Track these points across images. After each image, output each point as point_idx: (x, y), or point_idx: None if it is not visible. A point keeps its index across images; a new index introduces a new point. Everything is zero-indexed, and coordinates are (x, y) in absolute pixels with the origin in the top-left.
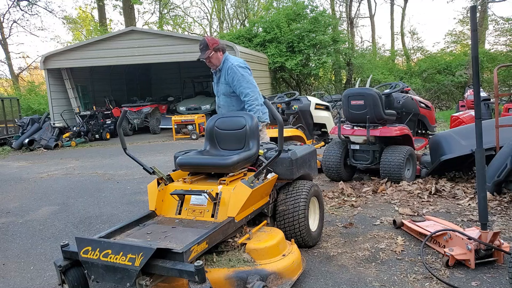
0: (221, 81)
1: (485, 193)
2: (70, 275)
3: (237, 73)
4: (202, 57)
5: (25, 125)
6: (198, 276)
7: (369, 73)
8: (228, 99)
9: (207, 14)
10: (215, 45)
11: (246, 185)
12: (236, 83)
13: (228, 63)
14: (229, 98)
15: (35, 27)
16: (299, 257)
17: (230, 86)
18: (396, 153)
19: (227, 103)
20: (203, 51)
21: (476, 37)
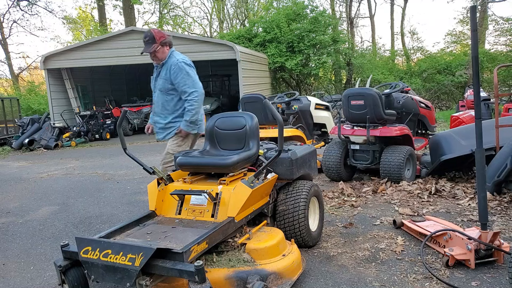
0: (161, 75)
1: (485, 193)
2: (70, 275)
3: (183, 70)
4: (148, 50)
5: (25, 125)
6: (198, 276)
7: (369, 73)
8: (164, 96)
9: (207, 14)
10: (162, 39)
11: (246, 185)
12: (180, 80)
13: (174, 58)
14: (164, 95)
15: (35, 27)
16: (299, 257)
17: (170, 83)
18: (396, 153)
19: (161, 100)
20: (149, 44)
21: (476, 37)
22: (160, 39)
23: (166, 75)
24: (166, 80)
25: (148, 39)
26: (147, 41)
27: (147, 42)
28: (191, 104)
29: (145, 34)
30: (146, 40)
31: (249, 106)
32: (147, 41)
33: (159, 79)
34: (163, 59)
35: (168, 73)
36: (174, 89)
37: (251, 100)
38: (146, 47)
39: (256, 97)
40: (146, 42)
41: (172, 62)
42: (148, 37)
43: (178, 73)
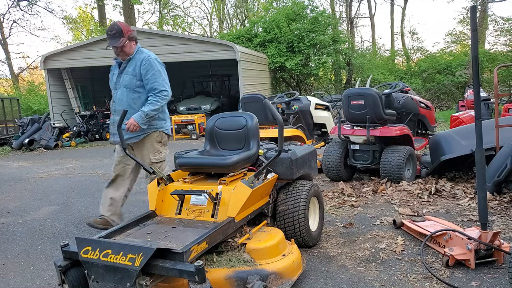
0: (126, 71)
1: (485, 193)
2: (70, 275)
3: (154, 66)
4: (116, 44)
5: (25, 125)
6: (198, 276)
7: (369, 73)
8: (131, 94)
9: (207, 14)
10: (129, 33)
11: (246, 185)
12: (150, 77)
13: (143, 54)
14: (131, 93)
15: (35, 27)
16: (299, 257)
17: (139, 79)
18: (396, 153)
19: (127, 98)
20: (116, 38)
21: (476, 37)
22: (127, 33)
23: (135, 70)
24: (135, 76)
25: (114, 32)
26: (113, 35)
27: (114, 35)
28: (157, 100)
29: (111, 27)
30: (113, 33)
31: (249, 106)
32: (113, 34)
33: (125, 75)
34: (130, 54)
35: (138, 68)
36: (142, 86)
37: (251, 100)
38: (112, 41)
39: (256, 97)
40: (112, 35)
41: (142, 57)
42: (114, 30)
43: (149, 69)
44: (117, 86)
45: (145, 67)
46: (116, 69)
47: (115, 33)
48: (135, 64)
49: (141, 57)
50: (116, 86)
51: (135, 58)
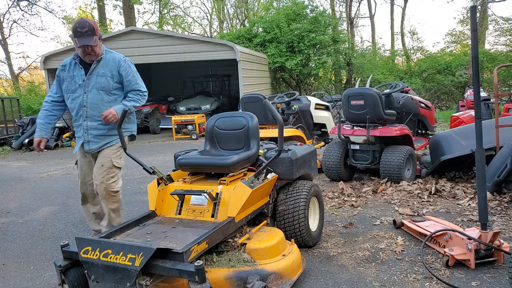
0: (98, 73)
1: (485, 193)
2: (70, 275)
3: (132, 68)
4: (89, 43)
5: (25, 125)
6: (198, 276)
7: (369, 73)
8: (106, 96)
9: (207, 14)
10: (99, 32)
11: (246, 185)
12: (131, 78)
13: (115, 55)
14: (107, 95)
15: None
16: (299, 257)
17: (117, 81)
18: (396, 153)
19: (102, 101)
20: (88, 36)
21: (476, 37)
22: (98, 32)
23: (112, 72)
24: (112, 78)
25: (87, 29)
26: (85, 32)
27: (86, 33)
28: (139, 98)
29: (82, 24)
30: (85, 31)
31: (249, 106)
32: (85, 32)
33: (97, 77)
34: (100, 54)
35: (115, 70)
36: (119, 88)
37: (251, 100)
38: (85, 39)
39: (256, 97)
40: (84, 33)
41: (117, 58)
42: (86, 27)
43: (129, 70)
44: (86, 89)
45: (124, 69)
46: (78, 70)
47: (87, 30)
48: (108, 65)
49: (115, 58)
50: (85, 89)
51: (106, 59)
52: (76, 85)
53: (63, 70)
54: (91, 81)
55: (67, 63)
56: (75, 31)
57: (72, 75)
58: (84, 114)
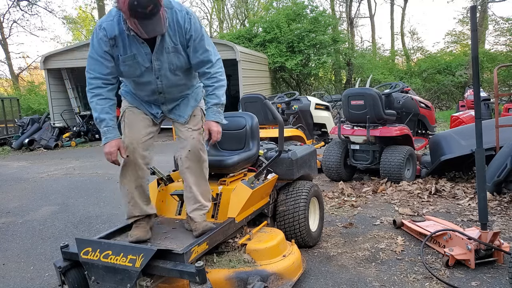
0: (167, 48)
1: (485, 193)
2: (70, 276)
3: (198, 24)
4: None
5: (25, 125)
6: (199, 277)
7: (369, 73)
8: (183, 74)
9: (207, 14)
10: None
11: (247, 185)
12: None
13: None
14: (184, 76)
15: (35, 27)
16: (299, 258)
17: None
18: (396, 153)
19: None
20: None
21: (476, 37)
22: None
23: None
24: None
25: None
26: (150, 12)
27: (152, 12)
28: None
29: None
30: (149, 9)
31: (249, 106)
32: (150, 11)
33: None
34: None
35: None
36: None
37: (251, 100)
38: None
39: (256, 97)
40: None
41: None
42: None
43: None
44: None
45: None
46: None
47: (152, 8)
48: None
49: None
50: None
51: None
52: (142, 68)
53: (114, 46)
54: (162, 61)
55: (117, 35)
56: (133, 9)
57: (133, 55)
58: (161, 100)
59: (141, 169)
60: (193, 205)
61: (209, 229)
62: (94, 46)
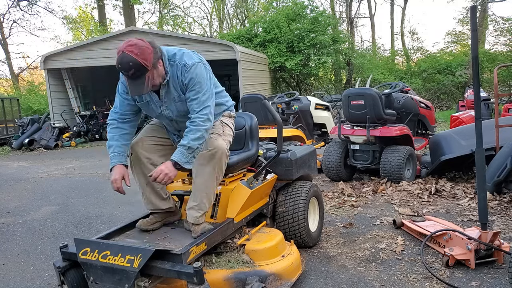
0: (173, 98)
1: (485, 193)
2: (69, 276)
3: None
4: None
5: (25, 125)
6: (196, 278)
7: (369, 73)
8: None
9: (207, 14)
10: (150, 58)
11: (245, 185)
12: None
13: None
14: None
15: (35, 27)
16: (298, 258)
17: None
18: (396, 153)
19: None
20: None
21: (476, 37)
22: (149, 61)
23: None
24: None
25: (133, 72)
26: (132, 76)
27: (134, 76)
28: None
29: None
30: (131, 74)
31: (249, 106)
32: (132, 75)
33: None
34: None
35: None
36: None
37: (251, 100)
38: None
39: (256, 97)
40: (131, 76)
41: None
42: (133, 69)
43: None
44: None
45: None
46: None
47: (133, 73)
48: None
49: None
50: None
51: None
52: (156, 113)
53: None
54: (171, 109)
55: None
56: (118, 70)
57: (146, 102)
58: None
59: (147, 168)
60: (192, 202)
61: (207, 231)
62: (119, 87)
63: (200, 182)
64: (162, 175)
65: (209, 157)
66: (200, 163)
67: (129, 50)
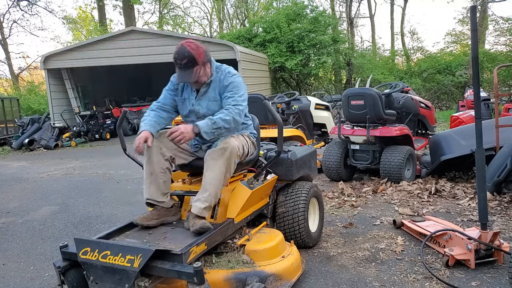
0: (209, 97)
1: (485, 193)
2: (69, 276)
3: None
4: (187, 79)
5: (25, 125)
6: (197, 278)
7: (369, 73)
8: None
9: (207, 14)
10: (202, 56)
11: (246, 186)
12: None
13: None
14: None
15: (35, 27)
16: (298, 259)
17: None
18: (396, 153)
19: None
20: (188, 69)
21: (476, 37)
22: (201, 58)
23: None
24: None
25: (186, 61)
26: (185, 65)
27: (186, 65)
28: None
29: (181, 54)
30: (184, 62)
31: (249, 106)
32: (184, 64)
33: (206, 102)
34: (208, 78)
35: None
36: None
37: (251, 100)
38: (184, 73)
39: (256, 97)
40: (183, 65)
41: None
42: (186, 58)
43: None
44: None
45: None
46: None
47: (186, 62)
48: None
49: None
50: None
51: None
52: (187, 110)
53: (176, 89)
54: (202, 106)
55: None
56: (174, 60)
57: (183, 98)
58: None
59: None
60: (200, 194)
61: (207, 228)
62: (167, 85)
63: (210, 176)
64: (178, 132)
65: (221, 153)
66: (212, 157)
67: (188, 44)
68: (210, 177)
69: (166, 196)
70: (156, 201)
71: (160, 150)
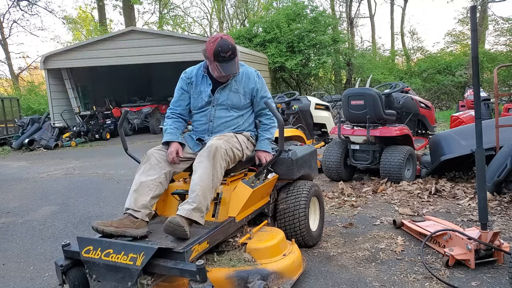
0: (231, 88)
1: (485, 193)
2: (71, 274)
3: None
4: (234, 71)
5: (25, 125)
6: (199, 276)
7: (369, 73)
8: (235, 113)
9: (207, 14)
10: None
11: (247, 185)
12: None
13: (248, 70)
14: (236, 112)
15: (35, 27)
16: (299, 257)
17: (248, 99)
18: (396, 153)
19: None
20: (231, 60)
21: (476, 37)
22: (238, 51)
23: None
24: (244, 95)
25: (230, 54)
26: (229, 57)
27: (230, 58)
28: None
29: (225, 47)
30: (228, 55)
31: None
32: (229, 56)
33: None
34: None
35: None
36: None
37: None
38: (229, 65)
39: None
40: (228, 58)
41: (249, 72)
42: (230, 51)
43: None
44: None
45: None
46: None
47: (230, 54)
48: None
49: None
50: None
51: (241, 74)
52: (203, 102)
53: (189, 84)
54: (223, 95)
55: (193, 75)
56: (217, 55)
57: (199, 91)
58: (210, 130)
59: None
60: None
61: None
62: (177, 85)
63: (196, 177)
64: (264, 159)
65: (206, 154)
66: (197, 160)
67: (226, 37)
68: (196, 178)
69: (145, 208)
70: (132, 210)
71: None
